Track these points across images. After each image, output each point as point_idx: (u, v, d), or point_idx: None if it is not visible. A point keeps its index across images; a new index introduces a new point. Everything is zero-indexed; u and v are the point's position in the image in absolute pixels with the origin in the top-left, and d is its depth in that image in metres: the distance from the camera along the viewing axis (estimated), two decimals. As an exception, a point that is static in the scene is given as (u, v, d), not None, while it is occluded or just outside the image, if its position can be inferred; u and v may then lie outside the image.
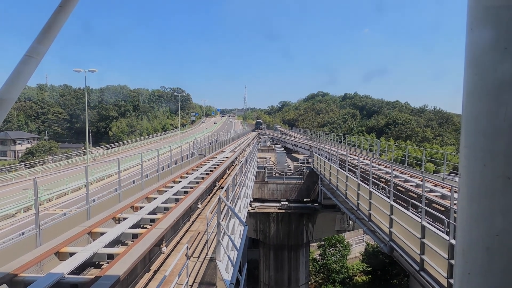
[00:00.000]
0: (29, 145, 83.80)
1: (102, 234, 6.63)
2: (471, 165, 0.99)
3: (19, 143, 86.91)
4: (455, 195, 10.17)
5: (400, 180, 14.61)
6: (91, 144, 65.54)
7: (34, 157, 64.74)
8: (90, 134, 63.48)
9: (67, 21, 2.54)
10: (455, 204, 7.64)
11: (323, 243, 34.49)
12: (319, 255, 34.51)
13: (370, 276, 32.34)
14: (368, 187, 11.31)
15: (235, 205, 8.48)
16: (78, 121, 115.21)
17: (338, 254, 33.38)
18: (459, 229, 1.03)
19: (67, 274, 4.78)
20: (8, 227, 19.46)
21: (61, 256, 5.66)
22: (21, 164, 52.33)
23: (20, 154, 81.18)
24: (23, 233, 10.73)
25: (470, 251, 0.97)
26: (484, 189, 0.95)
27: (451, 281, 6.27)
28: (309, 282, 28.03)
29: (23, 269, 4.78)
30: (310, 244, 27.46)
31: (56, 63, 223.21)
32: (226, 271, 5.76)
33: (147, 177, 12.49)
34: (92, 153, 56.43)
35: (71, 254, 5.57)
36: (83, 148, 76.25)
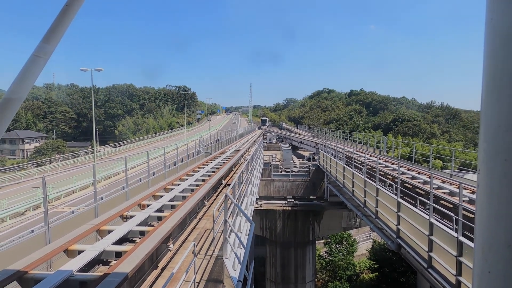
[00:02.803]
0: (37, 144, 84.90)
1: (110, 231, 6.68)
2: (491, 160, 0.96)
3: (27, 142, 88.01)
4: (464, 192, 10.07)
5: (407, 177, 14.50)
6: (98, 142, 66.13)
7: (43, 156, 65.55)
8: (97, 133, 64.01)
9: (72, 19, 2.55)
10: (463, 201, 7.56)
11: (329, 240, 34.42)
12: (326, 252, 34.46)
13: (377, 273, 32.19)
14: (375, 184, 11.24)
15: (242, 202, 8.49)
16: (85, 120, 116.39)
17: (345, 251, 33.29)
18: (478, 226, 1.00)
19: (76, 272, 4.83)
20: (18, 225, 19.74)
21: (70, 253, 5.72)
22: (30, 163, 53.00)
23: (28, 153, 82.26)
24: (32, 231, 10.87)
25: (491, 249, 0.94)
26: (505, 184, 0.91)
27: (460, 278, 6.21)
28: (316, 279, 28.03)
29: (32, 266, 4.84)
30: (316, 241, 27.41)
31: (63, 62, 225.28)
32: (233, 268, 5.77)
33: (153, 175, 12.55)
34: (99, 151, 56.92)
35: (80, 252, 5.62)
36: (90, 146, 76.95)
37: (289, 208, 22.26)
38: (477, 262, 1.00)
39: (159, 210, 8.50)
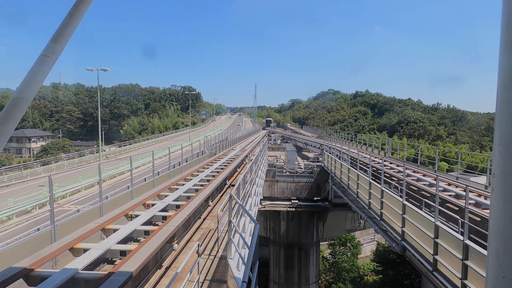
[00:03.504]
0: (43, 143, 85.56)
1: (115, 230, 6.72)
2: (506, 164, 0.94)
3: (34, 141, 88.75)
4: (470, 194, 9.97)
5: (413, 179, 14.40)
6: (103, 142, 66.54)
7: (49, 155, 66.09)
8: (103, 132, 64.45)
9: (81, 20, 2.57)
10: (469, 204, 7.49)
11: (333, 242, 34.31)
12: (329, 253, 34.35)
13: (381, 275, 32.02)
14: (380, 186, 11.18)
15: (246, 203, 8.48)
16: (91, 119, 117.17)
17: (349, 253, 33.15)
18: (492, 231, 0.98)
19: (81, 270, 4.86)
20: (24, 223, 19.92)
21: (75, 252, 5.75)
22: (36, 162, 53.47)
23: (35, 152, 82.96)
24: (38, 229, 10.96)
25: (505, 254, 0.93)
26: None
27: (466, 282, 6.15)
28: (320, 281, 27.94)
29: (38, 264, 4.88)
30: (320, 243, 27.31)
31: (70, 62, 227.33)
32: (237, 268, 5.77)
33: (158, 174, 12.60)
34: (104, 151, 57.27)
35: (85, 250, 5.65)
36: (95, 146, 77.43)
37: (293, 209, 22.21)
38: (491, 267, 0.98)
39: (164, 209, 8.53)
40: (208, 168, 15.39)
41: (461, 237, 6.33)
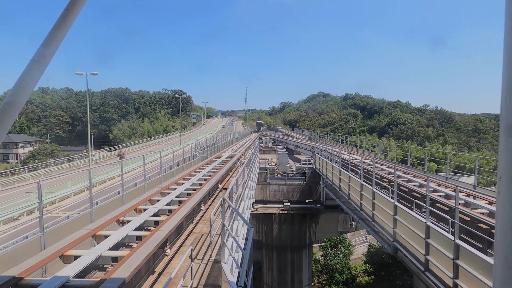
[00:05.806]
0: (31, 148, 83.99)
1: (106, 237, 6.63)
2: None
3: (21, 146, 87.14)
4: (460, 195, 10.12)
5: (403, 180, 14.57)
6: (93, 147, 65.69)
7: (36, 160, 64.85)
8: (92, 137, 63.63)
9: (72, 25, 2.54)
10: (459, 204, 7.60)
11: (324, 243, 34.43)
12: (322, 256, 34.44)
13: (373, 276, 32.26)
14: (371, 187, 11.27)
15: (239, 206, 8.46)
16: (80, 124, 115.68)
17: (341, 254, 33.29)
18: (499, 233, 1.00)
19: (73, 277, 4.78)
20: (12, 231, 19.49)
21: (66, 259, 5.66)
22: (24, 167, 52.42)
23: (22, 157, 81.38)
24: (27, 237, 10.75)
25: None
26: None
27: (457, 281, 6.23)
28: (312, 283, 27.96)
29: (28, 272, 4.78)
30: (312, 245, 27.37)
31: (58, 66, 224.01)
32: (231, 273, 5.74)
33: (149, 179, 12.48)
34: (94, 155, 56.53)
35: (76, 257, 5.56)
36: (85, 151, 76.32)
37: (286, 212, 22.23)
38: (500, 270, 0.99)
39: (156, 214, 8.45)
40: (200, 171, 15.32)
41: (452, 237, 6.41)
